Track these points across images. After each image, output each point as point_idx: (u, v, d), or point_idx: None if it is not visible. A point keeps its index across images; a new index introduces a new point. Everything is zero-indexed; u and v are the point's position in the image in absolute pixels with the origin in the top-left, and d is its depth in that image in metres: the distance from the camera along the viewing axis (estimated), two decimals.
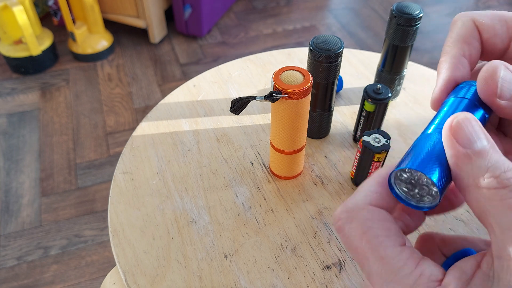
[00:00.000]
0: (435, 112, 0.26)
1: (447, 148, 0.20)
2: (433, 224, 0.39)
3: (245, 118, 0.50)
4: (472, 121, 0.20)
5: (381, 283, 0.20)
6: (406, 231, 0.24)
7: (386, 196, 0.22)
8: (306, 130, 0.39)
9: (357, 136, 0.46)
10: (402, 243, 0.20)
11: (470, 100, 0.23)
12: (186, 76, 1.48)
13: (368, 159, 0.38)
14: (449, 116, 0.22)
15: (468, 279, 0.19)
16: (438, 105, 0.25)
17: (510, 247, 0.18)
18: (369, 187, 0.22)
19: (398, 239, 0.21)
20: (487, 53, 0.27)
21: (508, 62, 0.26)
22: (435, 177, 0.20)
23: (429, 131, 0.23)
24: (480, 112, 0.23)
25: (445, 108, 0.24)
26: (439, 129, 0.22)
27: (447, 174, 0.21)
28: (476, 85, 0.24)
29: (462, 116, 0.20)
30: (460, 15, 0.27)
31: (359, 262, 0.21)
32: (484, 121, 0.24)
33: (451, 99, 0.24)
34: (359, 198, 0.22)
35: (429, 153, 0.21)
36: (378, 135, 0.37)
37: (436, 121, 0.23)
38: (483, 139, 0.19)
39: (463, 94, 0.24)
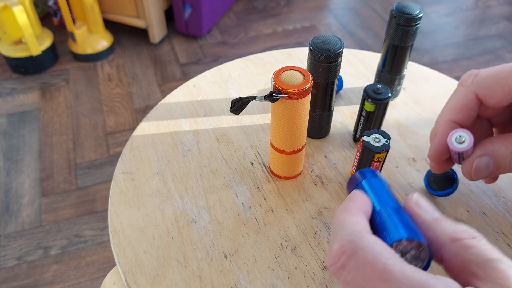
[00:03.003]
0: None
1: (417, 217, 0.24)
2: None
3: (245, 118, 0.50)
4: (424, 199, 0.25)
5: None
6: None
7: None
8: (306, 130, 0.39)
9: (357, 136, 0.46)
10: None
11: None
12: (186, 76, 1.48)
13: (368, 159, 0.38)
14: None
15: None
16: (437, 159, 0.34)
17: (503, 277, 0.20)
18: (355, 218, 0.23)
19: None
20: (491, 110, 0.33)
21: None
22: (424, 239, 0.23)
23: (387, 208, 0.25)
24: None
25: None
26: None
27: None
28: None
29: (416, 195, 0.25)
30: (465, 81, 0.33)
31: None
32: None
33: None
34: (353, 229, 0.22)
35: (408, 221, 0.24)
36: (378, 135, 0.37)
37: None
38: (435, 210, 0.24)
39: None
